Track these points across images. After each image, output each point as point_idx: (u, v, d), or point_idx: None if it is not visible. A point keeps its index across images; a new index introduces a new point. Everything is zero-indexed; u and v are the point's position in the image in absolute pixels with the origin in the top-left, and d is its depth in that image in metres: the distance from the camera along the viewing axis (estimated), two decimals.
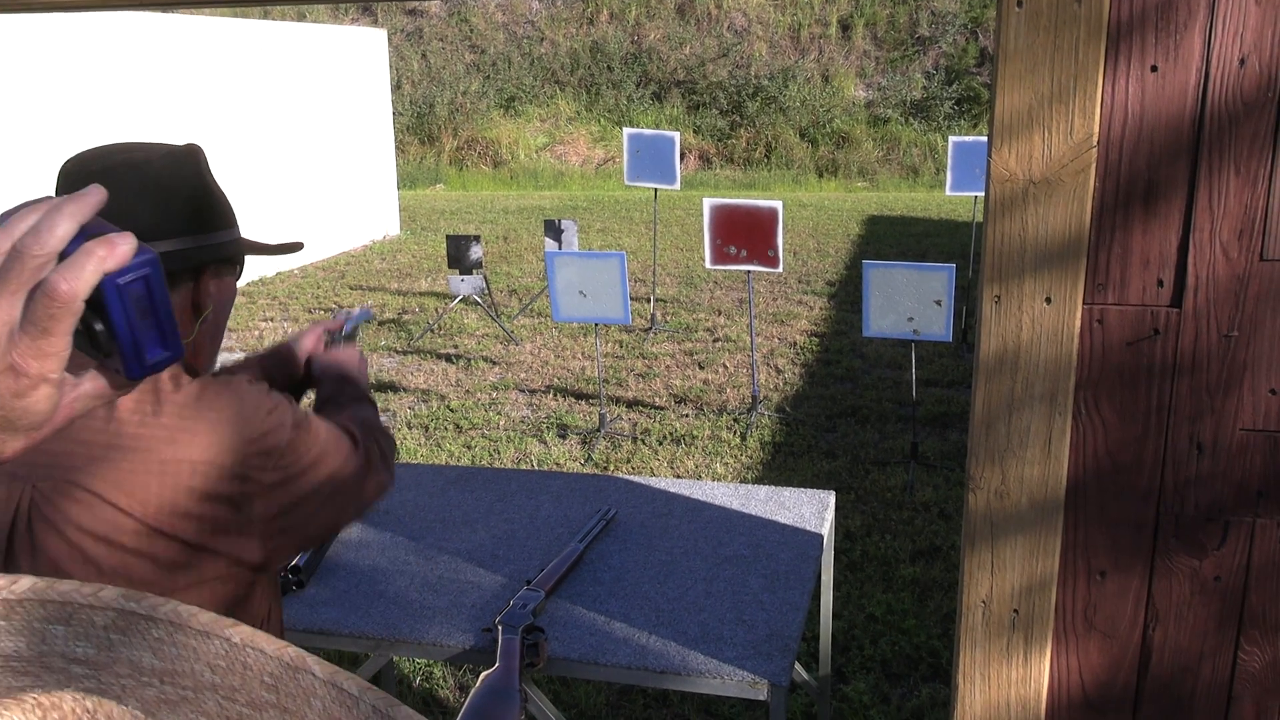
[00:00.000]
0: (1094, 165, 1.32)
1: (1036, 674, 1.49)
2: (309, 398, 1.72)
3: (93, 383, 0.71)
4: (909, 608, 3.77)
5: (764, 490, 2.52)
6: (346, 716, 0.49)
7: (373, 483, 1.44)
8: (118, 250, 0.66)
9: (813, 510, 2.41)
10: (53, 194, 1.32)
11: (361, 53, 11.45)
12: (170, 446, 1.20)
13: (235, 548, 1.27)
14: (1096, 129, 1.31)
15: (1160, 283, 1.34)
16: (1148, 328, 1.36)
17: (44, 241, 0.64)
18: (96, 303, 0.67)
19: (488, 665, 1.82)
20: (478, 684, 1.73)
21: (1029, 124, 1.32)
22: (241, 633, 0.50)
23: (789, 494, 2.50)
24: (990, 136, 1.36)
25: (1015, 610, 1.47)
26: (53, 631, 0.50)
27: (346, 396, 1.61)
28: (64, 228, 0.64)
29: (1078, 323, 1.36)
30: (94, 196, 0.65)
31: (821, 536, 2.28)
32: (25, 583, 0.50)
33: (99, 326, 0.69)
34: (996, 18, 1.33)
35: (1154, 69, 1.29)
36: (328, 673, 0.50)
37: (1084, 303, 1.36)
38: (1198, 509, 1.40)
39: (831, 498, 2.48)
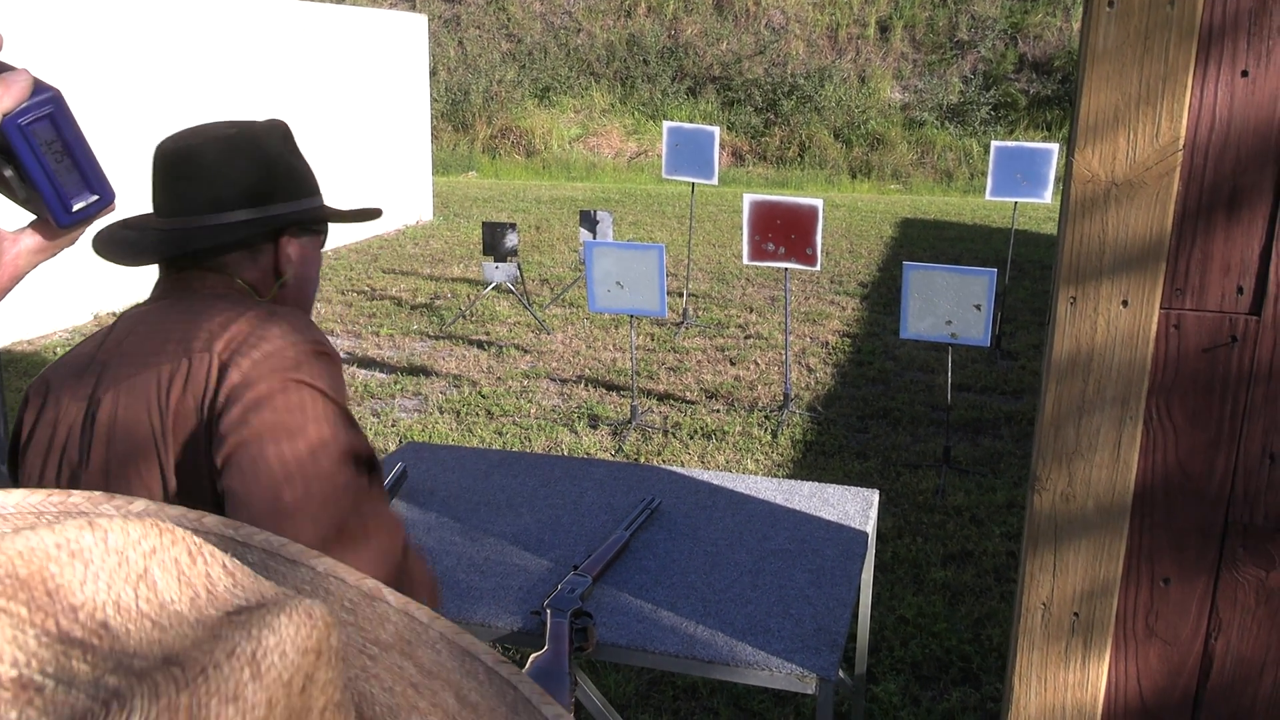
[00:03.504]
0: (1179, 169, 1.31)
1: (1094, 678, 1.48)
2: None
3: (31, 237, 0.69)
4: (940, 611, 3.76)
5: (807, 486, 2.52)
6: (417, 640, 0.52)
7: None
8: (11, 88, 0.64)
9: (857, 508, 2.40)
10: (150, 173, 1.37)
11: (401, 38, 11.49)
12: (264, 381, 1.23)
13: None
14: (1183, 132, 1.30)
15: (1240, 290, 1.33)
16: (1225, 334, 1.35)
17: None
18: (4, 148, 0.66)
19: (535, 648, 1.82)
20: (527, 666, 1.74)
21: (1114, 125, 1.31)
22: (325, 563, 0.54)
23: (833, 490, 2.50)
24: (1073, 136, 1.35)
25: (1075, 614, 1.47)
26: None
27: None
28: None
29: (1154, 327, 1.36)
30: None
31: (866, 534, 2.28)
32: (140, 504, 0.52)
33: (8, 172, 0.67)
34: (1084, 17, 1.32)
35: (1244, 74, 1.28)
36: (400, 602, 0.54)
37: (1161, 307, 1.36)
38: (1267, 520, 1.39)
39: (875, 496, 2.48)
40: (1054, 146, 6.65)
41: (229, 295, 1.34)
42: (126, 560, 0.41)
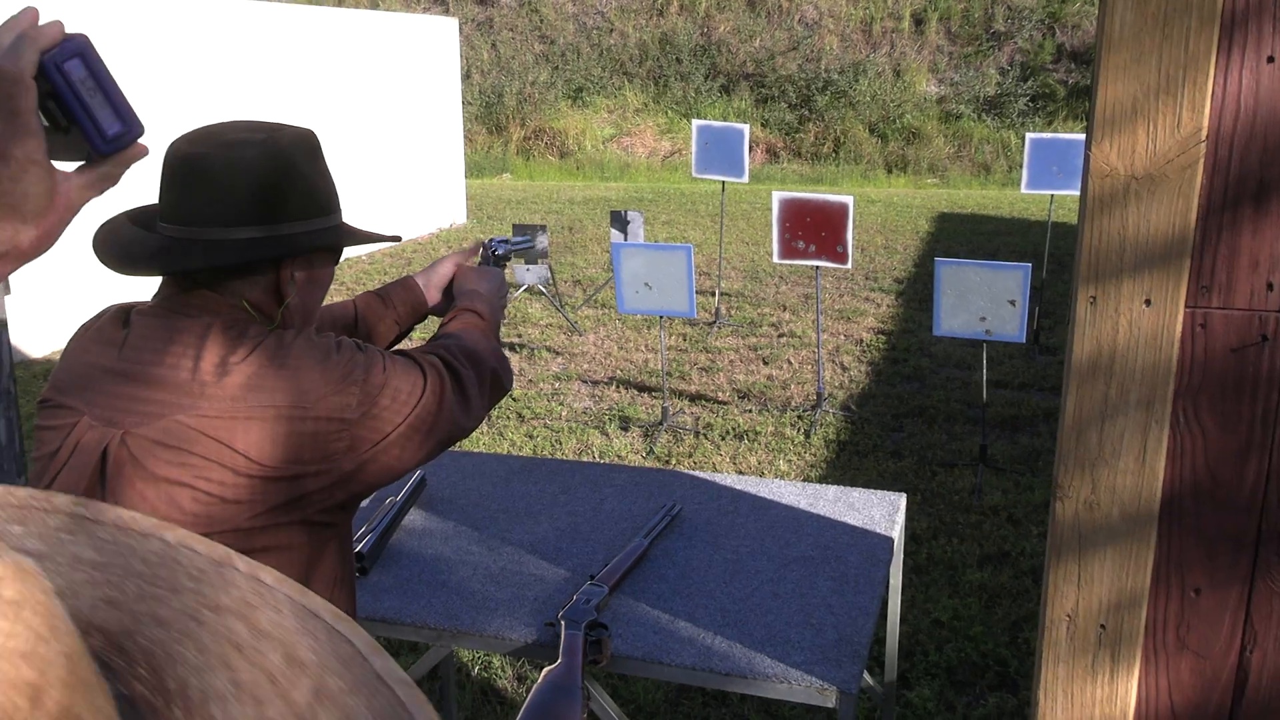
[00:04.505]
0: (1202, 161, 1.25)
1: (1123, 693, 1.42)
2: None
3: (80, 175, 0.82)
4: (976, 614, 3.68)
5: (832, 490, 2.47)
6: (260, 603, 0.55)
7: (458, 416, 1.46)
8: (47, 31, 0.78)
9: (883, 512, 2.35)
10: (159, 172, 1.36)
11: (433, 42, 11.53)
12: (252, 394, 1.27)
13: (320, 489, 1.33)
14: (1206, 123, 1.24)
15: (1270, 286, 1.27)
16: (1255, 333, 1.28)
17: None
18: (48, 90, 0.79)
19: (550, 660, 1.79)
20: (540, 680, 1.71)
21: (1133, 116, 1.25)
22: (178, 534, 0.56)
23: (858, 494, 2.44)
24: (1090, 129, 1.29)
25: (1102, 625, 1.41)
26: (10, 530, 0.56)
27: (460, 321, 1.65)
28: (6, 38, 0.78)
29: (1179, 327, 1.30)
30: (29, 11, 0.78)
31: (892, 540, 2.22)
32: (21, 493, 0.56)
33: (52, 105, 0.80)
34: (1100, 3, 1.27)
35: (1270, 60, 1.21)
36: (249, 568, 0.56)
37: (1186, 306, 1.29)
38: None
39: (903, 500, 2.42)
40: None
41: (234, 322, 1.33)
42: None
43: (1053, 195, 6.69)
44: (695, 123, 7.14)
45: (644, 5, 19.12)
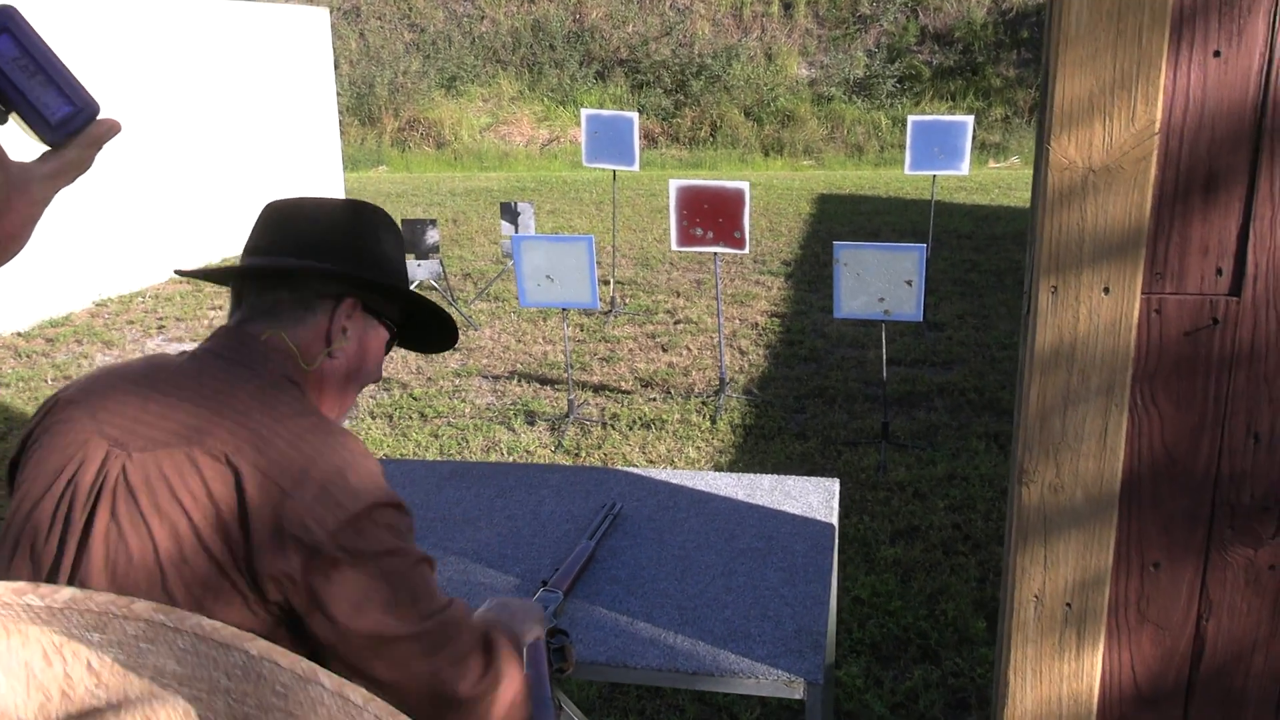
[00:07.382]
0: (1155, 153, 1.29)
1: (1089, 668, 1.47)
2: None
3: (45, 162, 0.73)
4: (893, 589, 3.77)
5: (768, 479, 2.49)
6: None
7: (451, 680, 1.28)
8: None
9: (820, 499, 2.38)
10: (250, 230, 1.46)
11: (303, 33, 11.19)
12: (255, 442, 1.23)
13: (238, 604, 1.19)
14: (1159, 116, 1.28)
15: (1219, 271, 1.32)
16: (1206, 317, 1.34)
17: None
18: None
19: None
20: None
21: (1090, 111, 1.29)
22: (259, 647, 0.56)
23: (794, 483, 2.47)
24: (1047, 124, 1.32)
25: (1068, 604, 1.45)
26: (89, 637, 0.57)
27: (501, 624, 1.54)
28: None
29: (1136, 313, 1.34)
30: None
31: (833, 526, 2.25)
32: (65, 593, 0.56)
33: None
34: (1050, 2, 1.30)
35: (1217, 54, 1.26)
36: (335, 684, 0.56)
37: (1142, 293, 1.34)
38: (1253, 499, 1.39)
39: (836, 485, 2.46)
40: (969, 120, 6.73)
41: (273, 376, 1.30)
42: None
43: (934, 176, 6.88)
44: (584, 112, 7.12)
45: None
